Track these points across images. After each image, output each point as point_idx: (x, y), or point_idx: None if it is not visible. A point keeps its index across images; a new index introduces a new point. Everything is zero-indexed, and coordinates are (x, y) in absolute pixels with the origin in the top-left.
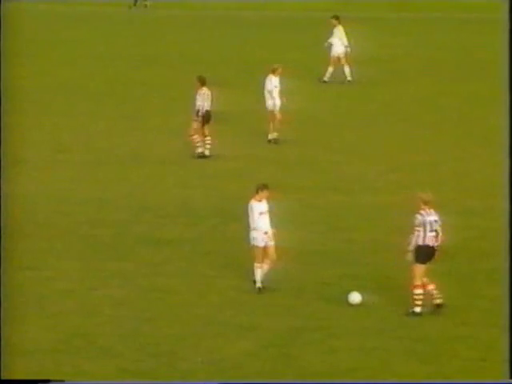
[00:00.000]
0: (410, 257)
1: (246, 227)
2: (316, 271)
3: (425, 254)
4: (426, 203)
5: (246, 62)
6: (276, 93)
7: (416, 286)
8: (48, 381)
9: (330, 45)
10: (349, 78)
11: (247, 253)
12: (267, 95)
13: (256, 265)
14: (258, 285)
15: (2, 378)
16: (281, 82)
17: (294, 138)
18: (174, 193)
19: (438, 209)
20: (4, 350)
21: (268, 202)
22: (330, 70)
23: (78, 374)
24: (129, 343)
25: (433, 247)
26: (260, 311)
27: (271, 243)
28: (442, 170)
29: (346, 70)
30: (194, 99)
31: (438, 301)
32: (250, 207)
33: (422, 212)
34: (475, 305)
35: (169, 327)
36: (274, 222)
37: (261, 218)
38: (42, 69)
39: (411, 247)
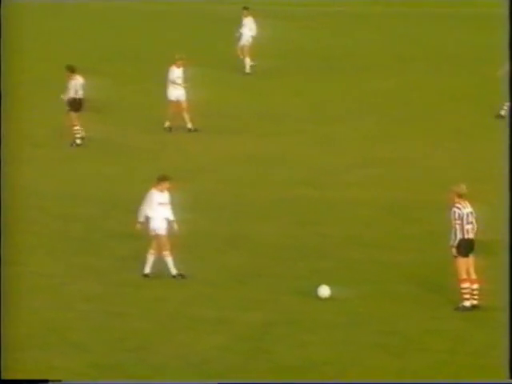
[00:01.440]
0: (454, 252)
1: (214, 221)
2: (287, 265)
3: (467, 246)
4: (460, 196)
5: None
6: (179, 83)
7: (462, 280)
8: (46, 381)
9: (241, 35)
10: (247, 71)
11: (218, 246)
12: (170, 86)
13: (164, 253)
14: (175, 272)
15: (2, 377)
16: (185, 73)
17: (261, 132)
18: (145, 187)
19: (407, 203)
20: None
21: (169, 193)
22: (248, 60)
23: (49, 369)
24: (100, 338)
25: (472, 240)
26: (231, 305)
27: (171, 233)
28: (413, 165)
29: (247, 61)
30: (66, 88)
31: (476, 302)
32: (149, 196)
33: (459, 205)
34: (444, 298)
35: (140, 322)
36: (176, 212)
37: (160, 208)
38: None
39: (454, 242)
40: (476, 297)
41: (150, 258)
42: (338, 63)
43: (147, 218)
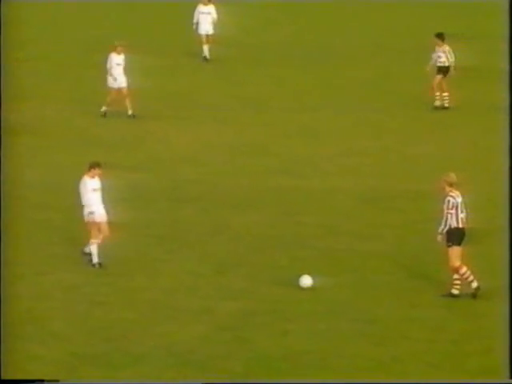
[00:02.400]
0: (441, 239)
1: (198, 211)
2: (268, 254)
3: (461, 235)
4: (451, 185)
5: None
6: (119, 70)
7: (457, 268)
8: (42, 381)
9: (198, 23)
10: (206, 56)
11: (199, 236)
12: (109, 72)
13: (92, 240)
14: (96, 260)
15: (3, 377)
16: (125, 60)
17: (242, 121)
18: (126, 177)
19: (387, 193)
20: None
21: (100, 180)
22: (206, 47)
23: (29, 359)
24: (80, 327)
25: (465, 228)
26: (212, 295)
27: (104, 219)
28: (393, 155)
29: (206, 48)
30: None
31: (456, 292)
32: (82, 183)
33: (453, 194)
34: (423, 286)
35: (120, 311)
36: (107, 199)
37: (94, 195)
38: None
39: (443, 230)
40: (458, 286)
41: (95, 246)
42: (318, 52)
43: (82, 206)
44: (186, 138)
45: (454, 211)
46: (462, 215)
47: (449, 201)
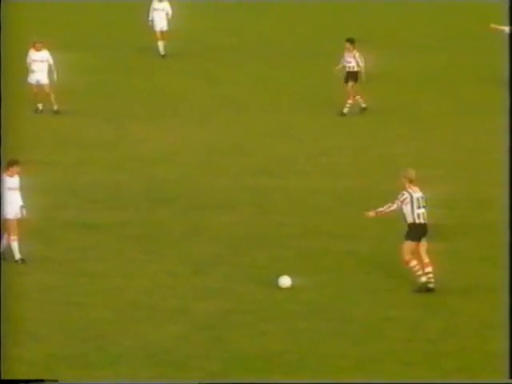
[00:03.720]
0: (373, 215)
1: (176, 211)
2: (245, 254)
3: (418, 231)
4: (410, 181)
5: None
6: (38, 67)
7: (407, 261)
8: (42, 381)
9: (153, 20)
10: (162, 53)
11: (177, 236)
12: (29, 69)
13: (12, 237)
14: (19, 256)
15: (3, 378)
16: (45, 56)
17: (219, 120)
18: (103, 177)
19: (365, 192)
20: None
21: (19, 177)
22: (161, 43)
23: (6, 360)
24: (57, 328)
25: (425, 224)
26: (190, 295)
27: (21, 217)
28: (371, 154)
29: (161, 44)
30: None
31: (431, 285)
32: (1, 181)
33: (409, 190)
34: (400, 286)
35: (97, 311)
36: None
37: (11, 193)
38: None
39: (380, 211)
40: (432, 280)
41: (14, 244)
42: (293, 49)
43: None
44: (163, 137)
45: (409, 207)
46: (419, 211)
47: (403, 194)
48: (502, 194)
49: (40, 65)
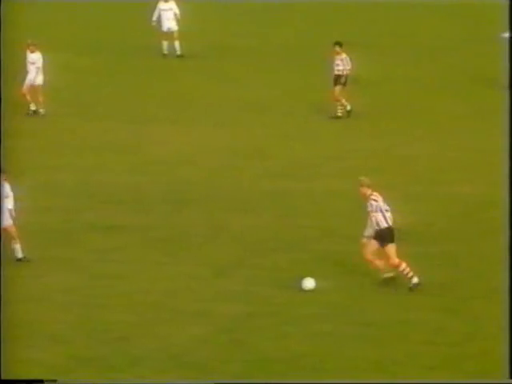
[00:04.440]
0: (367, 241)
1: (197, 214)
2: (267, 257)
3: (391, 233)
4: (369, 186)
5: None
6: (33, 68)
7: (397, 265)
8: (41, 381)
9: (160, 21)
10: (178, 53)
11: (199, 239)
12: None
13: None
14: (21, 255)
15: (2, 378)
16: (40, 58)
17: (241, 124)
18: (124, 179)
19: (384, 194)
20: None
21: (8, 185)
22: (165, 43)
23: (27, 362)
24: (79, 330)
25: (392, 226)
26: (211, 297)
27: (10, 222)
28: (389, 156)
29: (165, 43)
30: None
31: (391, 274)
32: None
33: (374, 197)
34: (421, 289)
35: (120, 314)
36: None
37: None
38: None
39: (368, 233)
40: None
41: (17, 246)
42: (315, 53)
43: None
44: (184, 140)
45: (380, 213)
46: (388, 214)
47: (372, 204)
48: None
49: (33, 66)
